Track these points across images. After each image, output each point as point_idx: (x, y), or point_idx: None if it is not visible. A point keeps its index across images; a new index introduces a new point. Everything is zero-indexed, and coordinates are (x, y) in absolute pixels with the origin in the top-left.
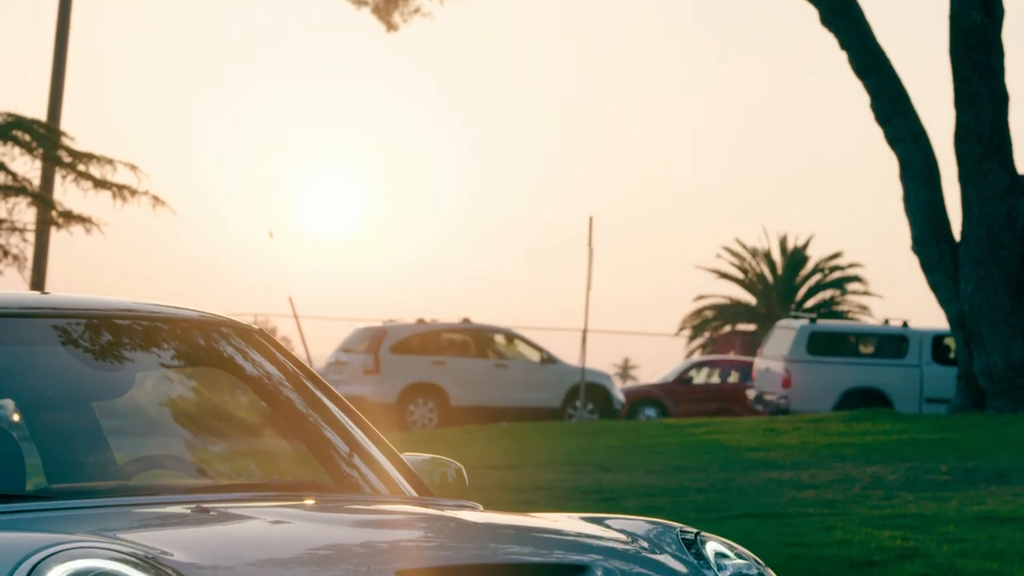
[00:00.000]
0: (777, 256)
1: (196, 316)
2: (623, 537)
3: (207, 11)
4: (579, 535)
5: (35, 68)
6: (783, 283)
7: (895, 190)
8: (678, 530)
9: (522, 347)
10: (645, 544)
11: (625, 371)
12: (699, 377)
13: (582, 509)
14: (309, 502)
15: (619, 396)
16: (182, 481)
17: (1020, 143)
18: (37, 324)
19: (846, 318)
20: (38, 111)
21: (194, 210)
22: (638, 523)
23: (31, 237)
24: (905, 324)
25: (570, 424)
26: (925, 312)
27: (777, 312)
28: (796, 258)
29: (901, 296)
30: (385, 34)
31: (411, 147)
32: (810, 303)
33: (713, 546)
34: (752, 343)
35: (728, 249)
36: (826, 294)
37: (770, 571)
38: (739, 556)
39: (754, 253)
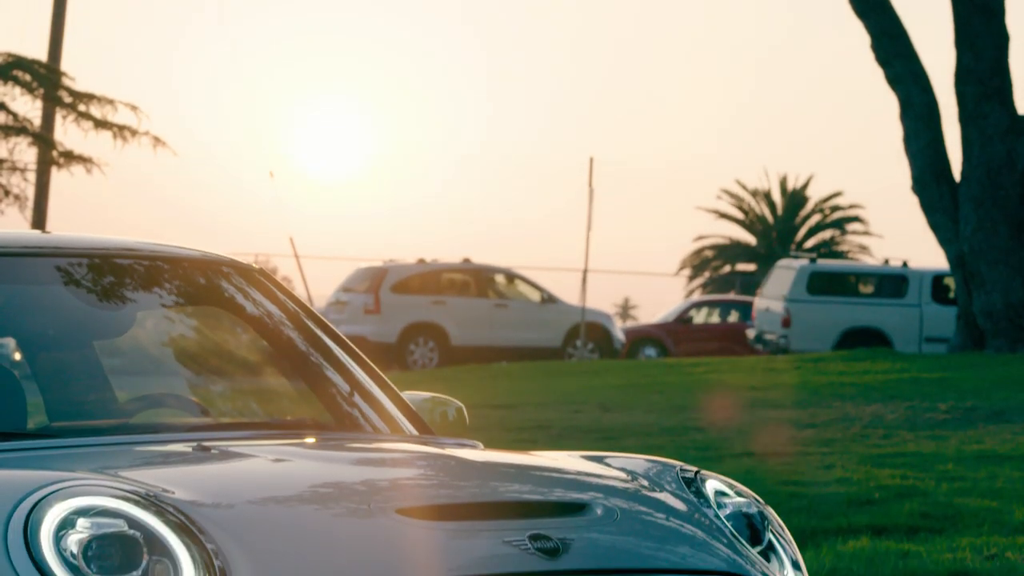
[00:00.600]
0: (777, 197)
1: (197, 255)
2: (623, 475)
3: None
4: (579, 473)
5: (35, 8)
6: (783, 223)
7: (895, 131)
8: (678, 468)
9: (522, 287)
10: (645, 482)
11: (625, 311)
12: (699, 317)
13: (582, 448)
14: (310, 440)
15: (619, 336)
16: (183, 419)
17: (1020, 84)
18: (38, 263)
19: (846, 258)
20: (38, 51)
21: (195, 150)
22: (638, 461)
23: (32, 177)
24: (905, 264)
25: (570, 363)
26: (925, 252)
27: (777, 252)
28: (796, 199)
29: (901, 236)
30: None
31: (411, 90)
32: (810, 243)
33: (713, 484)
34: (752, 283)
35: (727, 191)
36: (826, 234)
37: (769, 509)
38: (738, 494)
39: (754, 194)
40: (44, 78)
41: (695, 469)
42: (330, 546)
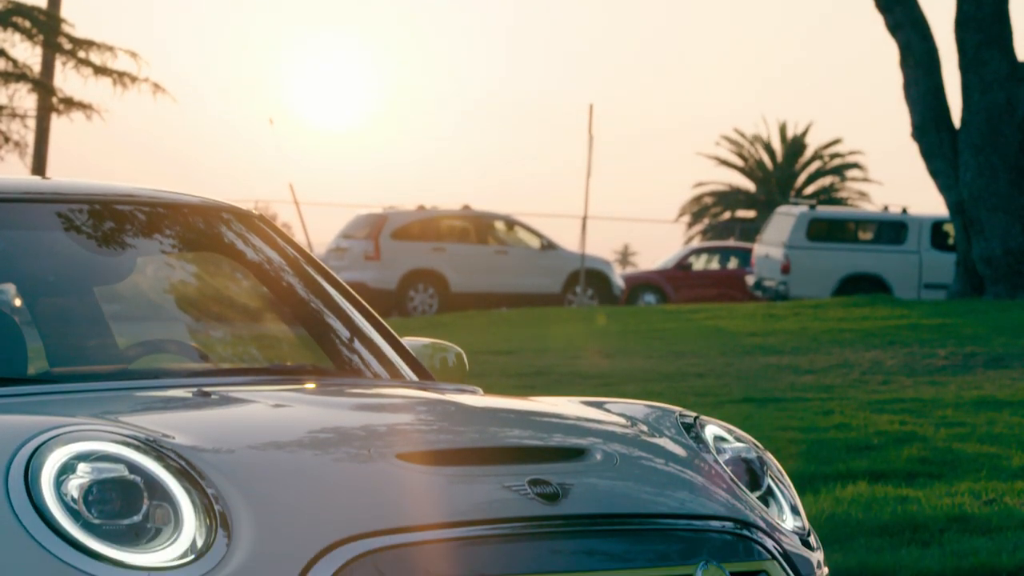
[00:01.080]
0: (776, 144)
1: (196, 201)
2: (622, 421)
3: None
4: (578, 419)
5: None
6: (783, 170)
7: (895, 78)
8: (677, 414)
9: (522, 233)
10: (644, 428)
11: (625, 257)
12: (698, 263)
13: (581, 394)
14: (310, 386)
15: (619, 282)
16: (183, 365)
17: (1020, 31)
18: (38, 209)
19: (845, 205)
20: None
21: (194, 98)
22: (637, 407)
23: (32, 123)
24: (904, 210)
25: (569, 310)
26: (924, 199)
27: (776, 199)
28: (796, 145)
29: (901, 183)
30: None
31: (414, 37)
32: (809, 190)
33: (712, 429)
34: (751, 230)
35: (727, 138)
36: (825, 181)
37: (768, 454)
38: (738, 439)
39: (754, 141)
40: (44, 25)
41: (694, 415)
42: (330, 491)
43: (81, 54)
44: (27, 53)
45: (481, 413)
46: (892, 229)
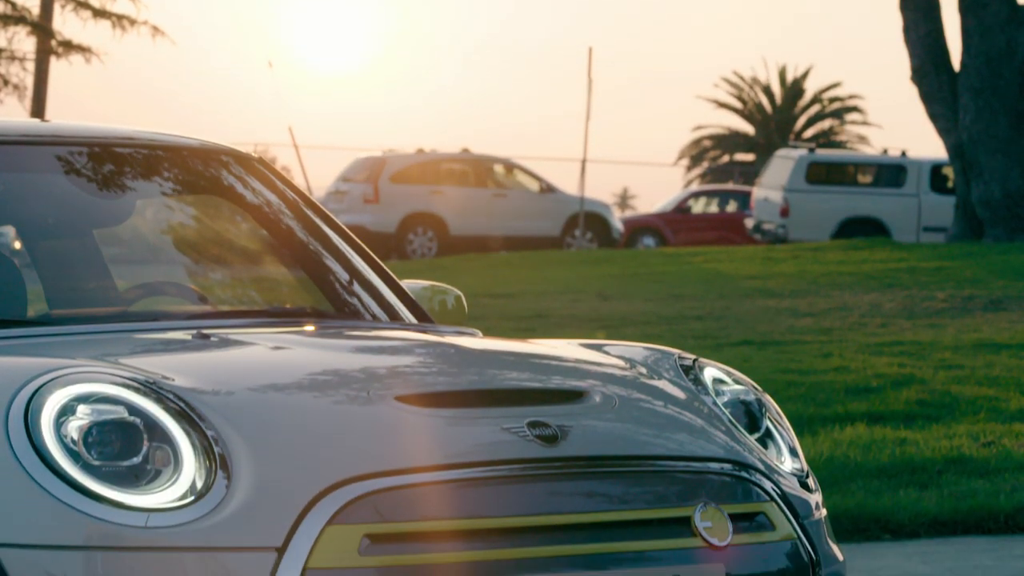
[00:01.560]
0: (776, 87)
1: (196, 144)
2: (621, 363)
3: None
4: (577, 361)
5: None
6: (782, 113)
7: (895, 21)
8: (676, 356)
9: (521, 176)
10: (643, 370)
11: (624, 201)
12: (697, 207)
13: (581, 336)
14: (309, 328)
15: (618, 225)
16: (183, 307)
17: None
18: (37, 152)
19: (844, 148)
20: None
21: (193, 41)
22: (636, 349)
23: (31, 66)
24: (904, 153)
25: (569, 253)
26: (924, 142)
27: (776, 142)
28: (795, 89)
29: (900, 126)
30: None
31: None
32: (809, 133)
33: (711, 372)
34: (750, 173)
35: (726, 80)
36: (825, 124)
37: (767, 396)
38: (736, 382)
39: (753, 84)
40: None
41: (693, 357)
42: (329, 432)
43: None
44: None
45: (480, 355)
46: (891, 172)
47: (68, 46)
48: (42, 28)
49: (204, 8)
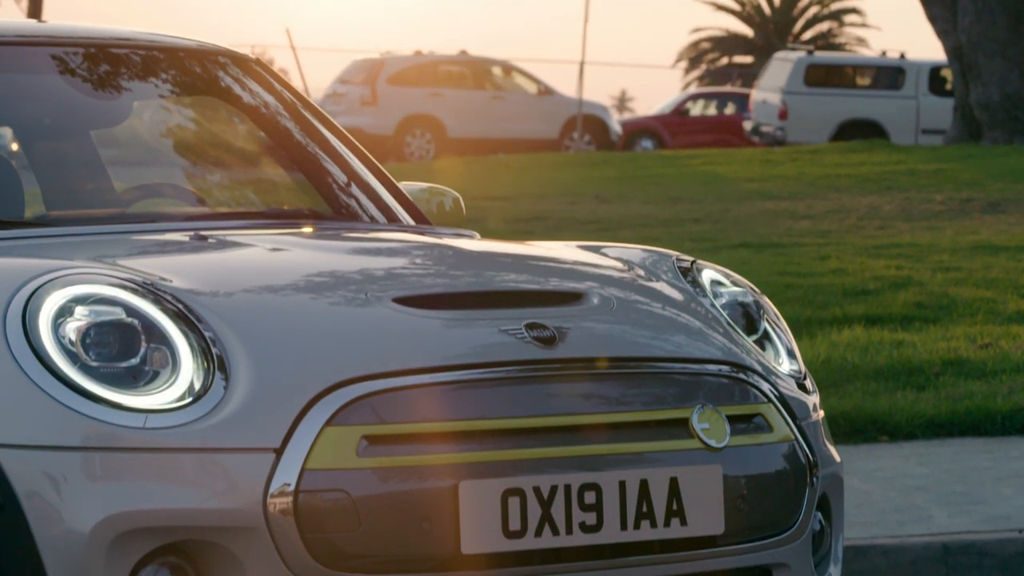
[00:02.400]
0: None
1: (193, 45)
2: (619, 265)
3: None
4: (576, 263)
5: None
6: (780, 15)
7: None
8: (674, 258)
9: (519, 79)
10: (641, 272)
11: (622, 103)
12: (696, 109)
13: (579, 239)
14: (307, 230)
15: (616, 128)
16: (180, 209)
17: None
18: (34, 52)
19: (843, 50)
20: None
21: None
22: (634, 251)
23: None
24: (902, 56)
25: (567, 155)
26: (922, 44)
27: (774, 44)
28: None
29: (898, 28)
30: None
31: None
32: (807, 35)
33: (709, 274)
34: (749, 75)
35: None
36: (823, 26)
37: (765, 299)
38: (734, 284)
39: None
40: None
41: (691, 259)
42: (327, 334)
43: None
44: None
45: (478, 257)
46: (890, 74)
47: None
48: None
49: None
